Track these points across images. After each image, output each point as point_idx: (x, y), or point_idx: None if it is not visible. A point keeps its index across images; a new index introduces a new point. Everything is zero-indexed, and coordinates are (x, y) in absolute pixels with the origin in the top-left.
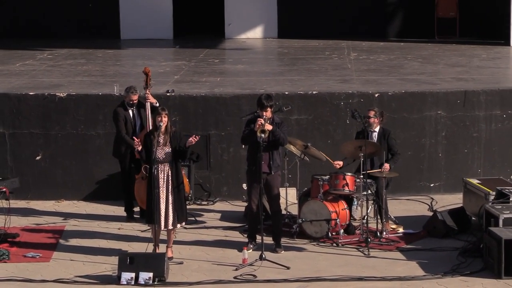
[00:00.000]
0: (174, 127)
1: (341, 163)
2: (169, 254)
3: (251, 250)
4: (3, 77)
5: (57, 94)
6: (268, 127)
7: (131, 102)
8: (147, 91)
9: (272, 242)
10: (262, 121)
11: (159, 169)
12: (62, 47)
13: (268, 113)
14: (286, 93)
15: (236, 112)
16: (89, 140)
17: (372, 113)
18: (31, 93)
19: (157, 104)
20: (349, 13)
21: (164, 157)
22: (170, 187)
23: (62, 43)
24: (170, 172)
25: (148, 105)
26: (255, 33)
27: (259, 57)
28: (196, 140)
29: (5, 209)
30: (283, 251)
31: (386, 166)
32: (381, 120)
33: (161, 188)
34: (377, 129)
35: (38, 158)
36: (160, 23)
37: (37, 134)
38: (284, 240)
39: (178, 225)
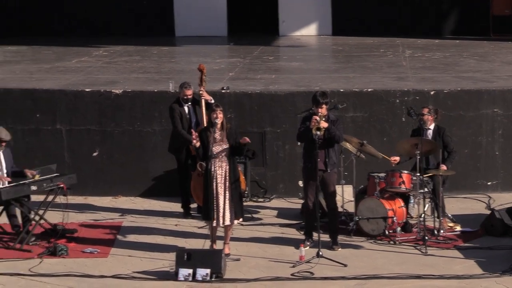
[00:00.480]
0: (230, 124)
1: (397, 158)
2: (226, 251)
3: (308, 247)
4: (60, 73)
5: (113, 90)
6: (324, 124)
7: (185, 98)
8: (202, 88)
9: (329, 239)
10: (318, 118)
11: (217, 165)
12: (117, 44)
13: (323, 110)
14: (341, 90)
15: (291, 109)
16: (145, 137)
17: (426, 111)
18: (87, 90)
19: (212, 101)
20: (404, 11)
21: (221, 153)
22: (227, 183)
23: (117, 40)
24: (227, 168)
25: (202, 102)
26: (309, 31)
27: (313, 54)
28: (247, 141)
29: (63, 204)
30: (340, 249)
31: (443, 167)
32: (436, 117)
33: (219, 184)
34: (431, 126)
35: (94, 154)
36: (215, 20)
37: (93, 130)
38: (341, 238)
39: (235, 222)
